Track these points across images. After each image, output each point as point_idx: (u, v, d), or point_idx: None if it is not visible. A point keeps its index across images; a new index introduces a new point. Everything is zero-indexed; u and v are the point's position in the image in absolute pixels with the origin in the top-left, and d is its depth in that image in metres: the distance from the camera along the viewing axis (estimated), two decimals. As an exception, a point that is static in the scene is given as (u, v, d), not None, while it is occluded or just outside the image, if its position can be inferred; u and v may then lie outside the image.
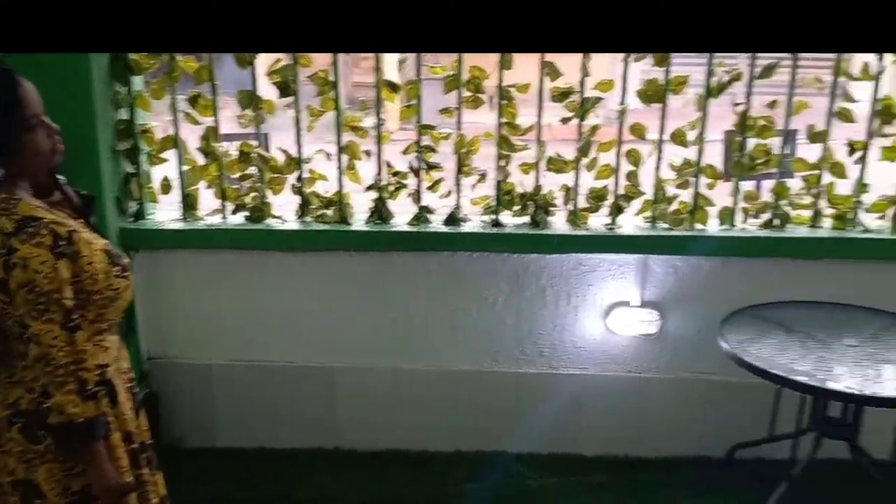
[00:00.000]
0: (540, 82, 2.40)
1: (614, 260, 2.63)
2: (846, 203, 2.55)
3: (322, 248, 2.64)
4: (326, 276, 2.69)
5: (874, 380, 2.10)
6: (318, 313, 2.73)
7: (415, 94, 2.44)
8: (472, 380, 2.78)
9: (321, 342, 2.76)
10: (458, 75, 2.40)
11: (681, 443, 2.81)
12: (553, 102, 2.44)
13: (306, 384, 2.80)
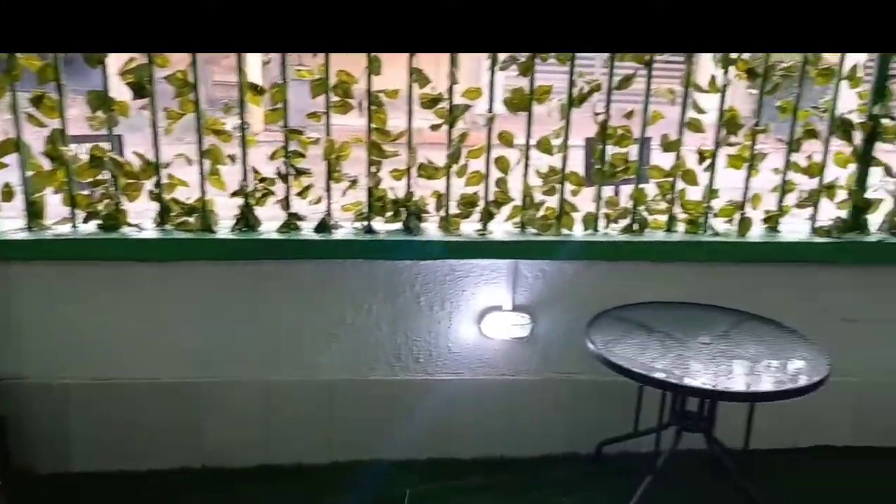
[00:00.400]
0: (409, 88, 2.35)
1: (486, 265, 2.63)
2: (697, 208, 2.67)
3: (185, 258, 2.47)
4: (190, 288, 2.52)
5: (726, 375, 2.20)
6: (182, 327, 2.56)
7: (281, 96, 2.33)
8: (348, 389, 2.69)
9: (186, 357, 2.59)
10: (325, 79, 2.32)
11: (552, 441, 2.84)
12: (422, 109, 2.40)
13: (171, 402, 2.62)
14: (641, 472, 2.70)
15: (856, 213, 2.73)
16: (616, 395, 2.79)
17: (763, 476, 2.71)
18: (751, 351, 2.36)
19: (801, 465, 2.84)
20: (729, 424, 2.69)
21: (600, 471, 2.78)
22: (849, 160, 2.66)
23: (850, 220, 2.73)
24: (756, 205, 2.69)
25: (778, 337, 2.48)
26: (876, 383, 2.88)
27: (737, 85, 2.52)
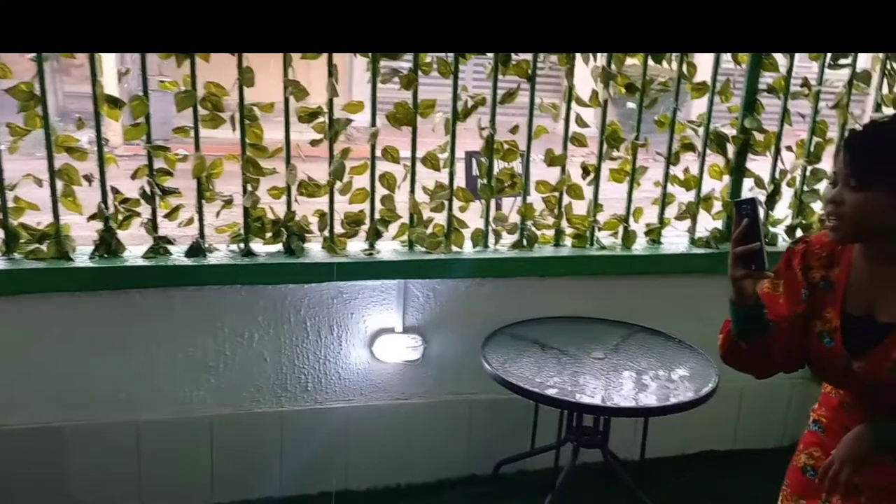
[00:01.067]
0: (285, 101, 2.16)
1: (375, 286, 2.46)
2: (583, 222, 2.61)
3: (38, 290, 2.14)
4: (46, 322, 2.20)
5: (617, 391, 2.15)
6: (39, 366, 2.23)
7: (142, 110, 2.08)
8: (231, 424, 2.43)
9: (46, 399, 2.26)
10: (192, 91, 2.09)
11: (450, 464, 2.69)
12: (301, 123, 2.21)
13: (30, 448, 2.27)
14: (540, 489, 2.60)
15: (731, 224, 2.74)
16: (513, 413, 2.68)
17: (656, 484, 2.67)
18: (642, 364, 2.32)
19: (691, 471, 2.81)
20: (624, 435, 2.64)
21: (499, 491, 2.65)
22: (723, 172, 2.68)
23: (725, 231, 2.75)
24: (638, 218, 2.67)
25: (666, 348, 2.45)
26: (755, 387, 2.88)
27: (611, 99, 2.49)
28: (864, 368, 1.37)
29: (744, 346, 1.44)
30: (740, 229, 1.34)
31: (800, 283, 1.47)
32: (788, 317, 1.45)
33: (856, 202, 1.30)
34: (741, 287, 1.36)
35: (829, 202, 1.35)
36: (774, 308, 1.45)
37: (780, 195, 2.74)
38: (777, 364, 1.49)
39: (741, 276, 1.34)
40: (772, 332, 1.42)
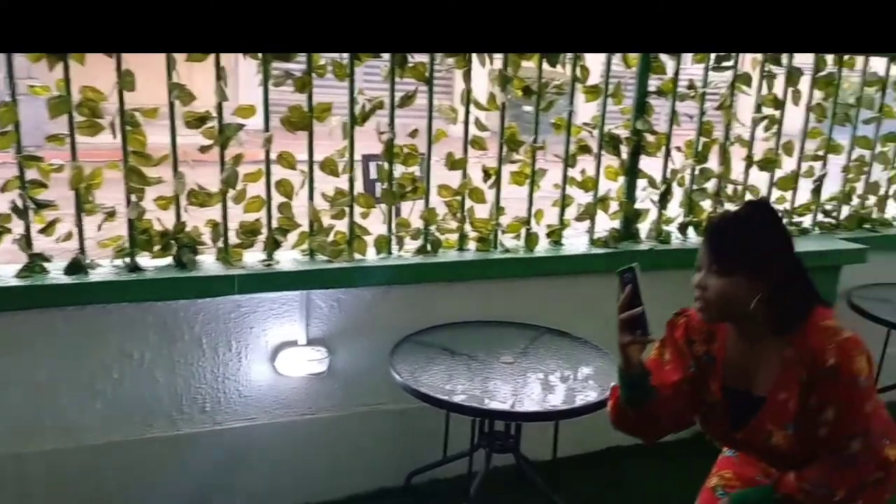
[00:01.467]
0: (170, 106, 2.06)
1: (276, 298, 2.37)
2: (486, 226, 2.62)
3: None
4: None
5: (527, 396, 2.15)
6: None
7: (11, 117, 1.92)
8: (121, 452, 2.28)
9: None
10: (67, 96, 1.95)
11: (359, 478, 2.62)
12: (188, 128, 2.11)
13: None
14: (454, 497, 2.57)
15: (627, 224, 2.84)
16: (424, 422, 2.64)
17: (568, 483, 2.70)
18: (550, 366, 2.34)
19: (601, 468, 2.86)
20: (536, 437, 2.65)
21: (411, 502, 2.60)
22: (618, 173, 2.76)
23: (622, 231, 2.83)
24: (540, 220, 2.70)
25: (572, 349, 2.48)
26: (658, 381, 3.00)
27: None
28: (745, 438, 1.49)
29: (632, 412, 1.52)
30: (624, 297, 1.44)
31: (685, 353, 1.56)
32: (675, 384, 1.54)
33: (719, 287, 1.41)
34: (628, 354, 1.45)
35: (696, 287, 1.46)
36: (661, 375, 1.54)
37: (671, 194, 2.85)
38: (666, 428, 1.57)
39: (627, 342, 1.44)
40: (658, 398, 1.50)
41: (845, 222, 3.26)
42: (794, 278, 1.45)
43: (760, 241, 1.42)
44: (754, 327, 1.46)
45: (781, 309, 1.42)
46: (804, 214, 3.20)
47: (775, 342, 1.44)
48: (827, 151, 3.10)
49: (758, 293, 1.41)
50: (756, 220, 1.44)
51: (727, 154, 2.88)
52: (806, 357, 1.40)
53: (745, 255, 1.41)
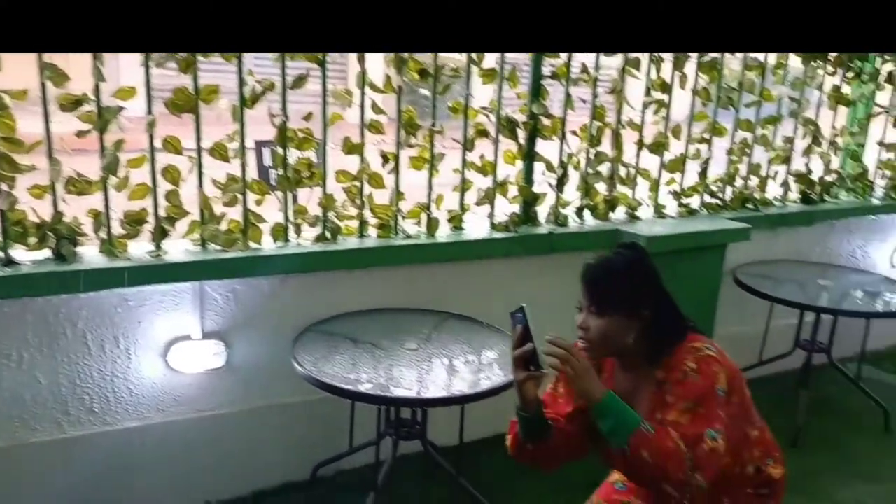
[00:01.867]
0: (42, 88, 1.93)
1: (166, 290, 2.28)
2: (387, 212, 2.61)
3: None
4: None
5: (432, 382, 2.16)
6: None
7: None
8: (4, 458, 2.14)
9: None
10: (-80, 76, 1.80)
11: (264, 474, 2.57)
12: (63, 112, 1.99)
13: None
14: (361, 487, 2.56)
15: (526, 208, 2.89)
16: (329, 413, 2.62)
17: (476, 467, 2.73)
18: (454, 351, 2.36)
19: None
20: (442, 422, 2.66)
21: (318, 495, 2.58)
22: (516, 157, 2.81)
23: (522, 215, 2.88)
24: (440, 205, 2.71)
25: (476, 333, 2.52)
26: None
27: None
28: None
29: (531, 446, 1.60)
30: (516, 336, 1.51)
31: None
32: (568, 415, 1.64)
33: (598, 327, 1.55)
34: (525, 391, 1.52)
35: (579, 328, 1.59)
36: (556, 408, 1.64)
37: (567, 177, 2.92)
38: (563, 458, 1.66)
39: (523, 378, 1.50)
40: (554, 431, 1.59)
41: (730, 202, 3.45)
42: (665, 312, 1.58)
43: (631, 283, 1.56)
44: (634, 359, 1.60)
45: (655, 340, 1.57)
46: (692, 195, 3.36)
47: (652, 369, 1.58)
48: (712, 134, 3.26)
49: (634, 329, 1.55)
50: (627, 264, 1.58)
51: (619, 138, 2.99)
52: (672, 373, 1.53)
53: (618, 297, 1.54)
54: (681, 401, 1.50)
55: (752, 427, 1.66)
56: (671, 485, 1.41)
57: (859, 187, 3.86)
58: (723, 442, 1.45)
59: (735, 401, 1.51)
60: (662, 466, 1.40)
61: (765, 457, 1.66)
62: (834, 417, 3.36)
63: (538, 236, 2.86)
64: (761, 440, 1.67)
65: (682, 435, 1.44)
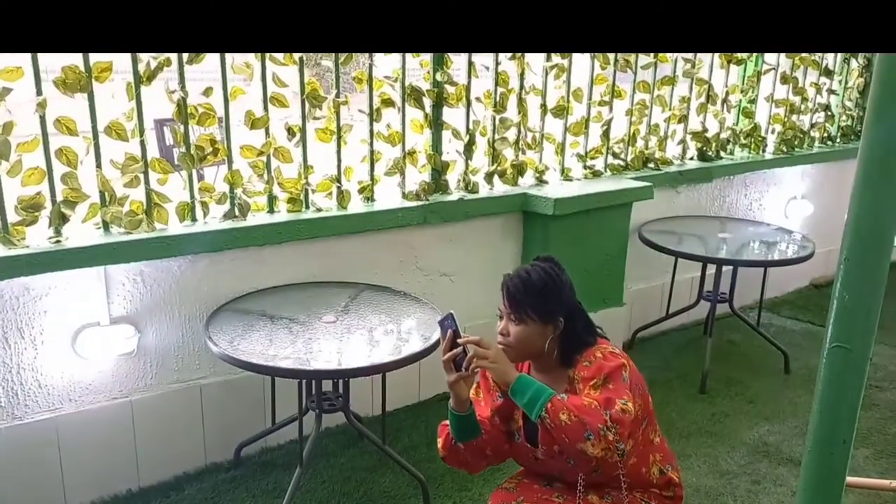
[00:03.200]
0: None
1: (70, 277, 2.26)
2: (296, 186, 2.66)
3: None
4: None
5: (352, 352, 2.23)
6: None
7: None
8: None
9: None
10: None
11: (186, 457, 2.60)
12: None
13: None
14: (286, 463, 2.63)
15: (436, 176, 3.00)
16: (248, 392, 2.67)
17: (400, 434, 2.84)
18: (373, 321, 2.44)
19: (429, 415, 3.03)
20: (364, 393, 2.76)
21: (243, 475, 2.63)
22: (423, 125, 2.90)
23: (432, 183, 2.99)
24: (350, 177, 2.78)
25: (393, 302, 2.60)
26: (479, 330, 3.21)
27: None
28: (545, 453, 1.76)
29: (461, 446, 1.76)
30: (446, 341, 1.68)
31: (493, 388, 1.84)
32: (489, 417, 1.80)
33: (516, 333, 1.73)
34: (457, 392, 1.69)
35: (499, 334, 1.76)
36: (479, 411, 1.79)
37: (475, 145, 3.04)
38: (489, 459, 1.82)
39: (454, 379, 1.67)
40: (484, 434, 1.76)
41: (632, 163, 3.66)
42: (577, 319, 1.77)
43: (547, 293, 1.73)
44: (549, 361, 1.77)
45: (569, 345, 1.75)
46: (596, 157, 3.54)
47: (565, 369, 1.76)
48: (612, 97, 3.45)
49: (548, 335, 1.73)
50: (543, 276, 1.75)
51: (523, 103, 3.13)
52: (582, 368, 1.72)
53: (535, 306, 1.72)
54: (589, 382, 1.68)
55: (654, 433, 1.84)
56: (593, 436, 1.52)
57: (752, 143, 4.15)
58: (632, 408, 1.60)
59: (638, 400, 1.66)
60: (581, 420, 1.54)
61: (665, 462, 1.84)
62: (737, 363, 3.65)
63: (449, 203, 2.97)
64: (661, 447, 1.85)
65: (594, 400, 1.61)
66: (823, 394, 0.89)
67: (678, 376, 3.46)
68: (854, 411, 0.89)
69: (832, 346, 0.86)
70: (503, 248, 3.19)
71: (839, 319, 0.85)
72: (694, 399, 3.28)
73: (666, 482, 1.82)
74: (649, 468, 1.80)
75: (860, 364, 0.86)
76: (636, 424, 1.62)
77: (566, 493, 1.80)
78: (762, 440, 2.96)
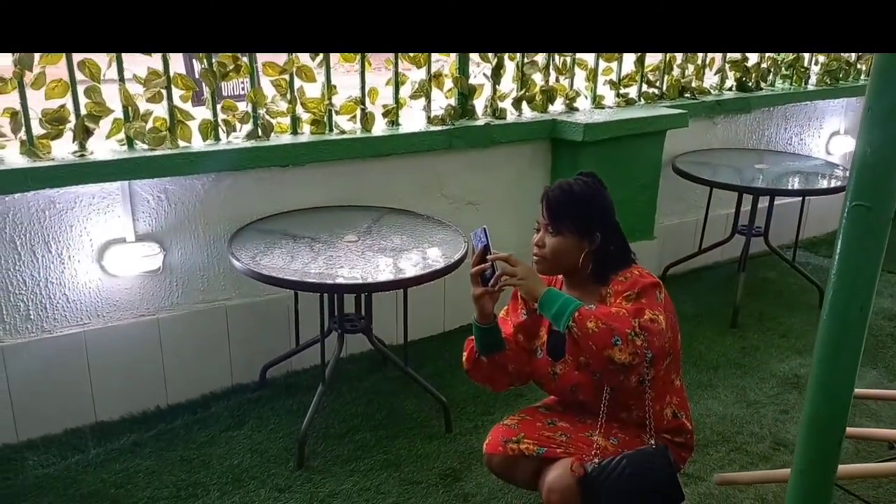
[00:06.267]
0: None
1: (95, 192, 2.33)
2: (319, 106, 2.67)
3: None
4: None
5: (374, 269, 2.26)
6: None
7: None
8: (-63, 373, 2.21)
9: None
10: None
11: (212, 377, 2.69)
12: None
13: None
14: (310, 385, 2.70)
15: (462, 100, 2.99)
16: (272, 313, 2.73)
17: (420, 363, 2.89)
18: (395, 242, 2.47)
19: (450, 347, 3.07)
20: (387, 322, 2.80)
21: (268, 395, 2.71)
22: (449, 47, 2.88)
23: (458, 108, 2.98)
24: (374, 99, 2.78)
25: (416, 225, 2.63)
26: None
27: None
28: (564, 370, 1.80)
29: (485, 360, 1.81)
30: (476, 255, 1.71)
31: (519, 304, 1.88)
32: (512, 335, 1.85)
33: (552, 245, 1.76)
34: (482, 305, 1.73)
35: (535, 245, 1.79)
36: (503, 328, 1.84)
37: (503, 69, 3.02)
38: (512, 379, 1.87)
39: (479, 293, 1.72)
40: (508, 350, 1.82)
41: (667, 92, 3.60)
42: (614, 238, 1.79)
43: (587, 206, 1.76)
44: (581, 277, 1.79)
45: (603, 262, 1.77)
46: (630, 85, 3.49)
47: (598, 287, 1.78)
48: (647, 22, 3.37)
49: (584, 250, 1.76)
50: (585, 189, 1.77)
51: (554, 25, 3.08)
52: (615, 286, 1.74)
53: (573, 217, 1.75)
54: (621, 295, 1.70)
55: (676, 375, 1.85)
56: (621, 341, 1.54)
57: (794, 74, 4.05)
58: (662, 322, 1.61)
59: (668, 333, 1.65)
60: (609, 325, 1.56)
61: (681, 408, 1.85)
62: (771, 299, 3.63)
63: (476, 129, 2.96)
64: (680, 392, 1.86)
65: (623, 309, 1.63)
66: (842, 255, 0.89)
67: (709, 311, 3.45)
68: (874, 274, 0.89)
69: (852, 205, 0.86)
70: (531, 176, 3.19)
71: (860, 176, 0.85)
72: (724, 333, 3.28)
73: (678, 427, 1.84)
74: (664, 408, 1.81)
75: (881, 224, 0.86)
76: (664, 338, 1.62)
77: (570, 431, 1.82)
78: (793, 372, 2.96)
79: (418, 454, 2.41)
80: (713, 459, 2.41)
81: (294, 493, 2.22)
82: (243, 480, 2.26)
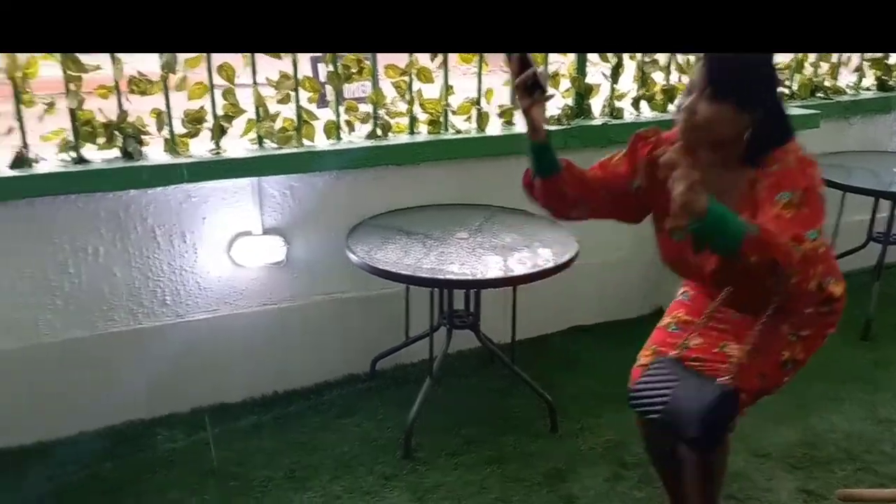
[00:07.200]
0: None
1: (227, 187, 2.51)
2: (436, 107, 2.76)
3: None
4: None
5: (484, 266, 2.32)
6: None
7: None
8: (83, 349, 2.44)
9: None
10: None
11: (326, 366, 2.84)
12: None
13: None
14: (418, 379, 2.79)
15: (579, 100, 2.99)
16: (384, 307, 2.84)
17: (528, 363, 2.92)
18: (506, 240, 2.52)
19: (559, 348, 3.09)
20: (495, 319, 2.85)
21: (378, 386, 2.84)
22: (566, 47, 2.89)
23: (575, 107, 2.99)
24: (490, 99, 2.84)
25: (527, 224, 2.66)
26: (614, 262, 3.22)
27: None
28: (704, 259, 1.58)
29: (539, 181, 1.74)
30: (513, 64, 1.58)
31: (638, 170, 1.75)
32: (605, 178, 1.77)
33: (708, 112, 1.55)
34: (532, 118, 1.63)
35: (685, 109, 1.58)
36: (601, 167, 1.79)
37: (622, 67, 3.00)
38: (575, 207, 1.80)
39: (527, 105, 1.60)
40: (566, 176, 1.72)
41: (798, 91, 3.45)
42: (774, 115, 1.61)
43: (754, 74, 1.58)
44: (730, 156, 1.62)
45: (757, 140, 1.59)
46: (757, 84, 3.37)
47: (745, 169, 1.61)
48: (778, 18, 3.25)
49: (740, 125, 1.57)
50: (756, 57, 1.59)
51: (677, 23, 3.03)
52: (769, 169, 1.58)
53: (739, 84, 1.56)
54: (775, 192, 1.52)
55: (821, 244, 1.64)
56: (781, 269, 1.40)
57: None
58: (822, 241, 1.48)
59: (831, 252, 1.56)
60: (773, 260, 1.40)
61: (826, 274, 1.69)
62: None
63: (592, 128, 2.96)
64: (826, 257, 1.67)
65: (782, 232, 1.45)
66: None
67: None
68: None
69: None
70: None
71: None
72: (854, 345, 3.12)
73: (825, 298, 1.69)
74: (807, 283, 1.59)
75: None
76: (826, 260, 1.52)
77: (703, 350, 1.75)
78: (928, 393, 2.79)
79: (523, 452, 2.46)
80: (837, 478, 2.32)
81: (400, 481, 2.32)
82: (352, 466, 2.38)
